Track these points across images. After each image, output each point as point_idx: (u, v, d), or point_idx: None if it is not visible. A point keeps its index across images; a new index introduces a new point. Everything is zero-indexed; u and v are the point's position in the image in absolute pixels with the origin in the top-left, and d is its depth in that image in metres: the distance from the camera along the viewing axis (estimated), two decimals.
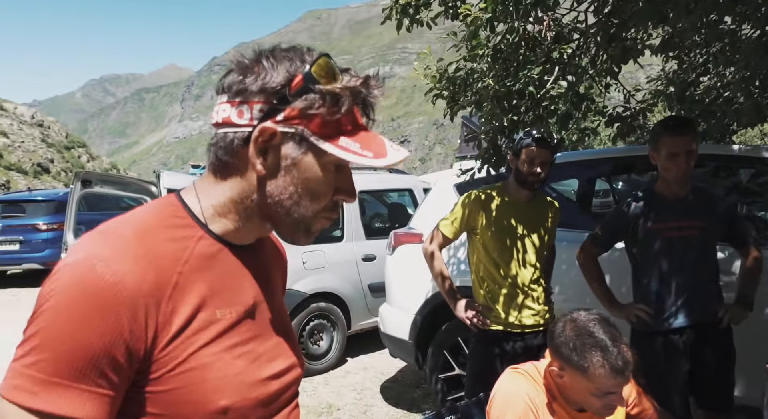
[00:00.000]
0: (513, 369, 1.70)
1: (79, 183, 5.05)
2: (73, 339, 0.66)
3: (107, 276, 0.68)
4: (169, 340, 0.73)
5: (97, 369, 0.68)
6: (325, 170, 0.81)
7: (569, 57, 2.37)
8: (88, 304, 0.67)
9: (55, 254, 8.64)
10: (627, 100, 2.97)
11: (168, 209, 0.82)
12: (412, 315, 3.69)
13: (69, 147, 49.76)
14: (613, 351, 1.45)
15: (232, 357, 0.79)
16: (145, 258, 0.73)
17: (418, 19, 2.66)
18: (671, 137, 2.23)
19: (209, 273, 0.80)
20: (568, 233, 3.05)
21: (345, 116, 0.79)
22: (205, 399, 0.75)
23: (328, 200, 0.84)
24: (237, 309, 0.82)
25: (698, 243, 2.30)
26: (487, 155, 2.58)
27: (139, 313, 0.70)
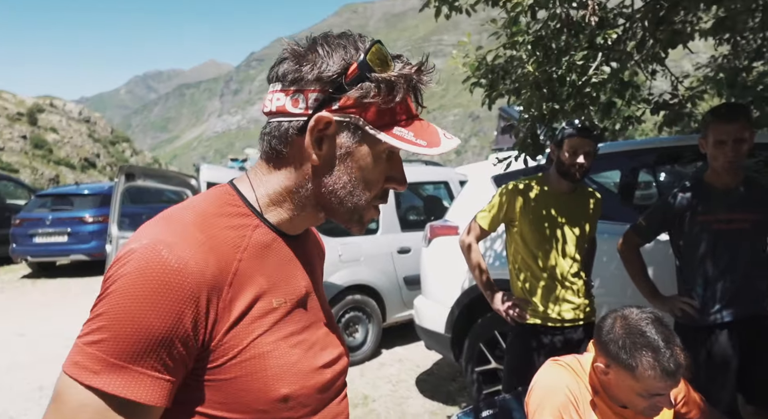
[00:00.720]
0: (554, 361, 1.66)
1: (123, 177, 5.19)
2: (136, 322, 0.67)
3: (172, 261, 0.69)
4: (229, 327, 0.73)
5: (156, 353, 0.68)
6: (379, 158, 0.82)
7: (614, 42, 2.27)
8: (153, 288, 0.68)
9: (101, 246, 8.93)
10: (675, 87, 2.85)
11: (224, 197, 0.82)
12: (448, 308, 3.66)
13: (114, 142, 51.38)
14: (665, 353, 1.39)
15: (289, 346, 0.79)
16: (207, 245, 0.73)
17: (457, 5, 2.60)
18: (719, 124, 2.15)
19: (266, 262, 0.80)
20: (609, 225, 2.96)
21: (399, 105, 0.80)
22: (267, 388, 0.75)
23: (379, 188, 0.84)
24: (291, 298, 0.82)
25: (749, 237, 2.20)
26: (525, 143, 2.51)
27: (201, 299, 0.70)
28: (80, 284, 8.81)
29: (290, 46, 0.80)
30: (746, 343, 2.20)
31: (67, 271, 9.95)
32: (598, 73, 2.26)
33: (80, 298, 7.81)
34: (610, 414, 1.54)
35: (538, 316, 2.43)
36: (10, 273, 9.98)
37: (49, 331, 5.88)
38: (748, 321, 2.19)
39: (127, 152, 51.52)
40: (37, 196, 10.51)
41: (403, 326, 5.16)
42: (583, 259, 2.52)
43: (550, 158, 2.47)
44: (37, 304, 7.43)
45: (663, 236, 2.52)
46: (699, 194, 2.26)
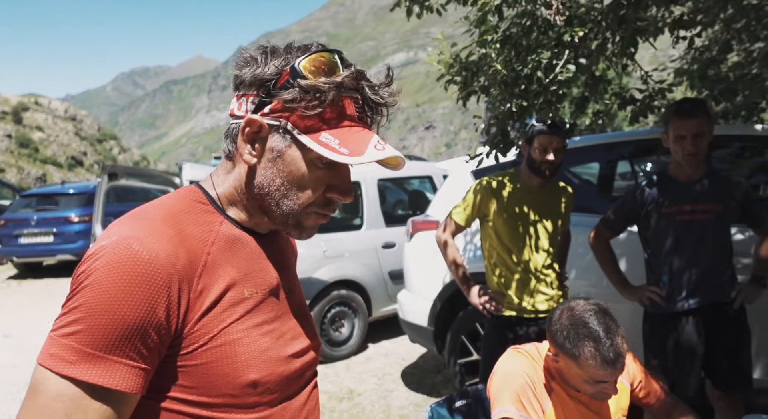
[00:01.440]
0: (514, 349, 1.73)
1: (106, 176, 5.19)
2: (110, 313, 0.69)
3: (143, 253, 0.72)
4: (200, 316, 0.77)
5: (131, 342, 0.71)
6: (311, 164, 0.82)
7: (581, 40, 2.32)
8: (126, 279, 0.70)
9: (87, 246, 8.91)
10: (645, 81, 2.90)
11: (191, 195, 0.86)
12: (431, 301, 3.71)
13: (101, 140, 50.96)
14: (605, 343, 1.45)
15: (260, 334, 0.82)
16: (176, 238, 0.77)
17: (428, 5, 2.63)
18: (679, 120, 2.22)
19: (235, 255, 0.84)
20: (589, 218, 3.03)
21: (329, 111, 0.80)
22: (236, 373, 0.79)
23: (318, 195, 0.84)
24: (263, 289, 0.86)
25: (712, 227, 2.27)
26: (495, 140, 2.56)
27: (173, 289, 0.74)
28: (67, 285, 8.76)
29: (241, 54, 0.85)
30: (711, 329, 2.28)
31: (53, 271, 9.91)
32: (564, 71, 2.31)
33: None
34: (564, 397, 1.61)
35: (513, 308, 2.49)
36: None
37: (36, 332, 5.87)
38: (712, 307, 2.27)
39: (114, 150, 51.14)
40: (22, 196, 10.43)
41: (389, 320, 5.21)
42: (556, 252, 2.58)
43: (521, 154, 2.52)
44: (23, 305, 7.41)
45: (633, 228, 2.59)
46: (664, 187, 2.33)
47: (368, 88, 0.82)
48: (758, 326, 2.36)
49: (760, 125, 2.85)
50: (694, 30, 3.06)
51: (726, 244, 2.32)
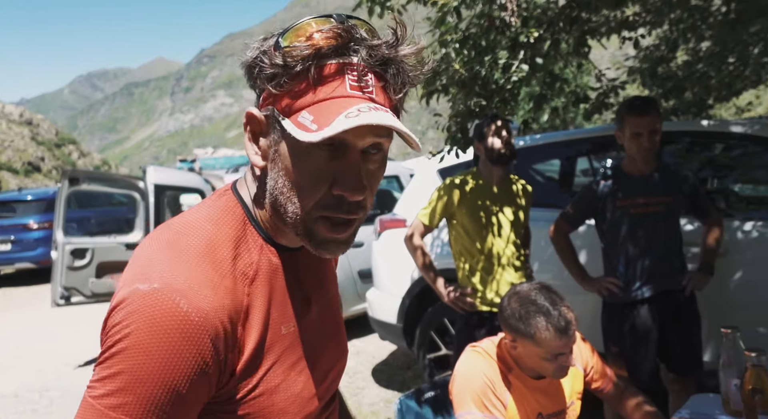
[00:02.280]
0: (471, 348, 1.78)
1: (67, 181, 5.07)
2: (160, 382, 0.61)
3: (192, 315, 0.63)
4: (243, 367, 0.69)
5: (183, 410, 0.64)
6: (305, 154, 0.67)
7: (536, 40, 2.41)
8: (175, 345, 0.62)
9: (47, 253, 8.65)
10: (599, 79, 3.02)
11: (224, 210, 0.74)
12: (399, 299, 3.76)
13: (59, 145, 49.41)
14: (554, 314, 1.55)
15: (296, 374, 0.75)
16: (222, 286, 0.67)
17: (389, 5, 2.69)
18: (635, 118, 2.31)
19: (272, 288, 0.74)
20: (551, 212, 3.13)
21: (308, 84, 0.66)
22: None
23: (321, 193, 0.68)
24: (299, 321, 0.77)
25: (664, 218, 2.39)
26: (455, 138, 2.64)
27: (220, 346, 0.65)
28: (27, 293, 8.52)
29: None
30: (664, 316, 2.40)
31: (11, 280, 9.59)
32: (518, 71, 2.39)
33: (27, 307, 7.57)
34: (522, 388, 1.68)
35: (484, 303, 2.55)
36: None
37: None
38: (665, 295, 2.38)
39: (74, 155, 49.65)
40: None
41: (358, 319, 5.24)
42: (521, 243, 2.67)
43: (476, 155, 2.62)
44: None
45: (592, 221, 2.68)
46: (618, 182, 2.43)
47: (365, 48, 0.66)
48: (707, 312, 2.49)
49: (707, 121, 3.00)
50: (641, 30, 3.20)
51: (676, 235, 2.45)
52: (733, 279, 2.57)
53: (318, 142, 0.63)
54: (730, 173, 3.22)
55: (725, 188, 3.25)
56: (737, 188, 3.32)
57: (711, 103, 4.03)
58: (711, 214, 2.49)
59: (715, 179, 3.24)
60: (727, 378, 1.65)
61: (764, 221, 2.60)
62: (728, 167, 3.17)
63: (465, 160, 3.05)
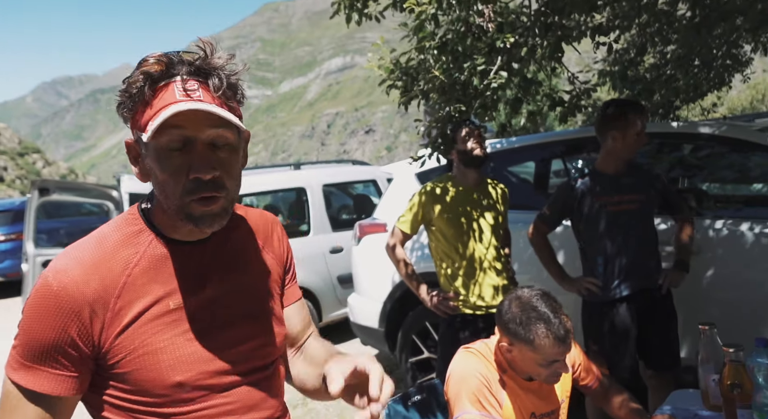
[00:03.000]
0: (465, 349, 1.80)
1: (37, 192, 4.94)
2: (32, 334, 0.86)
3: (54, 285, 0.86)
4: (120, 331, 0.88)
5: (51, 356, 0.86)
6: (164, 156, 0.86)
7: (512, 46, 2.46)
8: (40, 307, 0.86)
9: (15, 265, 8.40)
10: (572, 82, 3.09)
11: (127, 217, 0.95)
12: (380, 303, 3.77)
13: (22, 154, 48.07)
14: (555, 322, 1.57)
15: (186, 340, 0.91)
16: (94, 267, 0.88)
17: (367, 13, 2.70)
18: (641, 116, 2.39)
19: (160, 272, 0.92)
20: (528, 214, 3.18)
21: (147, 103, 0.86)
22: (162, 377, 0.89)
23: (183, 182, 0.86)
24: (191, 298, 0.93)
25: (638, 216, 2.46)
26: (436, 143, 2.67)
27: (82, 314, 0.86)
28: None
29: None
30: (642, 314, 2.45)
31: None
32: (497, 77, 2.44)
33: None
34: (517, 389, 1.70)
35: (467, 306, 2.58)
36: None
37: None
38: (642, 293, 2.44)
39: (38, 164, 48.39)
40: None
41: (339, 324, 5.23)
42: (501, 245, 2.71)
43: (450, 160, 2.67)
44: None
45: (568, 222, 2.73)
46: (594, 181, 2.49)
47: (185, 65, 0.85)
48: (683, 309, 2.56)
49: (677, 123, 3.09)
50: (613, 35, 3.28)
51: (651, 233, 2.51)
52: (706, 276, 2.65)
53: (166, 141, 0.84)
54: (699, 173, 3.32)
55: (695, 188, 3.35)
56: (706, 187, 3.43)
57: (678, 105, 4.17)
58: (683, 210, 2.57)
59: (685, 178, 3.34)
60: (706, 373, 1.70)
61: (733, 219, 2.68)
62: (697, 167, 3.27)
63: (444, 163, 3.08)
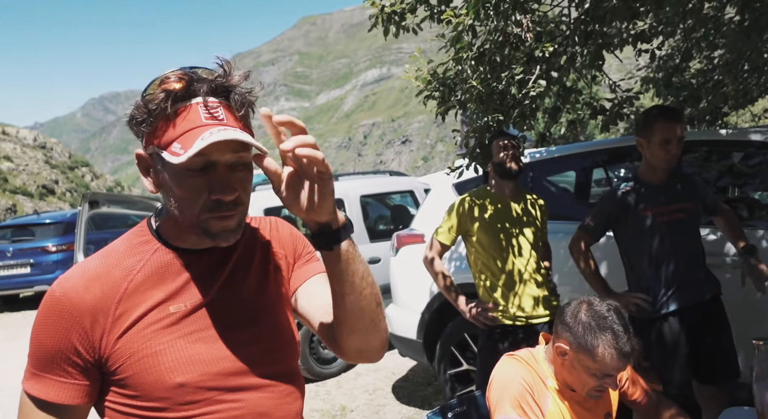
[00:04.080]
0: (509, 356, 1.78)
1: (87, 204, 5.13)
2: (38, 342, 0.90)
3: (57, 293, 0.90)
4: (119, 336, 0.90)
5: (56, 364, 0.89)
6: (184, 175, 0.88)
7: (551, 55, 2.43)
8: (44, 315, 0.91)
9: None
10: (613, 90, 3.03)
11: (136, 229, 1.00)
12: (419, 314, 3.76)
13: (72, 167, 50.13)
14: (623, 337, 1.54)
15: (187, 342, 0.92)
16: (96, 275, 0.92)
17: (404, 25, 2.73)
18: (666, 123, 2.28)
19: (163, 277, 0.94)
20: (569, 225, 3.12)
21: (169, 122, 0.87)
22: (162, 379, 0.90)
23: (204, 201, 0.89)
24: (192, 302, 0.94)
25: (687, 225, 2.37)
26: (474, 153, 2.66)
27: (82, 319, 0.89)
28: None
29: None
30: (694, 327, 2.35)
31: (31, 303, 9.69)
32: (536, 86, 2.41)
33: None
34: (561, 398, 1.67)
35: (506, 317, 2.55)
36: None
37: (16, 365, 5.73)
38: (694, 307, 2.35)
39: (87, 177, 50.34)
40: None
41: None
42: (541, 257, 2.66)
43: (487, 173, 2.65)
44: (2, 338, 7.24)
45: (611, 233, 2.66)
46: (639, 191, 2.40)
47: (206, 84, 0.87)
48: (736, 322, 2.44)
49: (726, 130, 2.99)
50: (656, 41, 3.21)
51: (699, 243, 2.42)
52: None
53: (188, 163, 0.84)
54: (751, 182, 3.19)
55: (746, 197, 3.22)
56: (758, 197, 3.30)
57: (726, 111, 4.02)
58: (717, 206, 2.48)
59: (735, 187, 3.22)
60: (761, 390, 1.62)
61: None
62: (748, 176, 3.14)
63: (482, 174, 3.06)
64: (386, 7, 2.64)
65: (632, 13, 2.39)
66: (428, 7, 2.72)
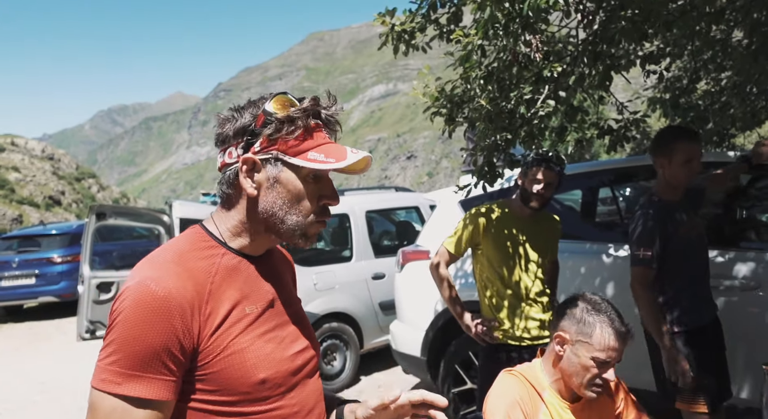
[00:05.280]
0: (506, 371, 1.81)
1: (94, 216, 5.17)
2: (140, 341, 0.88)
3: (159, 291, 0.90)
4: (211, 333, 0.95)
5: (160, 362, 0.90)
6: (304, 181, 1.00)
7: (560, 75, 2.45)
8: (148, 313, 0.89)
9: (71, 287, 8.74)
10: (620, 111, 3.04)
11: (196, 235, 1.04)
12: (423, 331, 3.74)
13: (79, 178, 50.44)
14: (617, 320, 1.63)
15: (263, 342, 1.00)
16: (185, 274, 0.95)
17: (414, 44, 2.76)
18: (689, 144, 2.29)
19: (236, 279, 1.02)
20: (574, 244, 3.11)
21: (305, 133, 0.99)
22: (247, 374, 0.97)
23: (315, 206, 1.02)
24: (261, 304, 1.03)
25: (704, 240, 2.39)
26: (482, 171, 2.66)
27: (186, 316, 0.92)
28: (50, 327, 8.58)
29: (218, 116, 1.05)
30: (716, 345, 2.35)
31: (35, 314, 9.67)
32: (545, 106, 2.42)
33: (51, 341, 7.61)
34: (557, 410, 1.69)
35: (508, 336, 2.53)
36: None
37: (21, 377, 5.73)
38: (713, 323, 2.35)
39: (93, 188, 50.62)
40: (2, 238, 10.26)
41: (380, 351, 5.19)
42: (547, 279, 2.65)
43: (516, 184, 2.60)
44: (6, 350, 7.22)
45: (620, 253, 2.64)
46: (664, 210, 2.34)
47: (324, 109, 1.02)
48: (743, 346, 2.43)
49: (734, 152, 2.99)
50: (663, 63, 3.23)
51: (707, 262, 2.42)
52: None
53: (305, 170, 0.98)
54: (759, 204, 3.18)
55: (755, 219, 3.21)
56: (766, 219, 3.29)
57: (734, 133, 4.03)
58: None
59: (743, 209, 3.21)
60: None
61: None
62: (756, 198, 3.14)
63: (487, 191, 3.06)
64: (396, 26, 2.67)
65: (641, 35, 2.42)
66: (437, 27, 2.76)
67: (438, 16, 2.71)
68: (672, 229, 2.32)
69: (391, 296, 4.38)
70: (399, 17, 2.75)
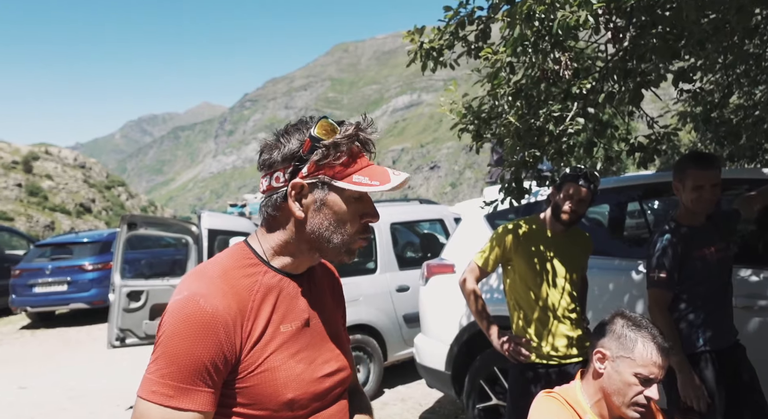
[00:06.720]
0: (545, 393, 1.77)
1: (126, 226, 5.29)
2: (189, 355, 0.94)
3: (207, 308, 0.96)
4: (249, 349, 1.00)
5: (207, 375, 0.95)
6: (348, 202, 1.06)
7: (588, 91, 2.44)
8: (197, 329, 0.95)
9: (101, 294, 8.93)
10: (650, 126, 3.02)
11: (240, 253, 1.09)
12: (448, 345, 3.72)
13: (109, 187, 51.59)
14: (658, 336, 1.61)
15: (295, 361, 1.05)
16: (230, 293, 1.00)
17: (442, 60, 2.78)
18: (698, 171, 2.28)
19: (274, 298, 1.06)
20: (601, 260, 3.07)
21: (349, 158, 1.04)
22: (277, 393, 1.01)
23: (358, 224, 1.08)
24: (296, 324, 1.07)
25: (727, 264, 2.34)
26: (510, 188, 2.66)
27: (230, 331, 0.97)
28: (81, 333, 8.77)
29: (264, 141, 1.09)
30: (731, 371, 2.29)
31: (66, 320, 9.90)
32: (574, 123, 2.42)
33: (81, 347, 7.77)
34: None
35: (539, 354, 2.51)
36: (9, 325, 9.92)
37: (51, 383, 5.86)
38: (731, 348, 2.30)
39: (122, 196, 51.71)
40: (37, 246, 10.54)
41: (404, 364, 5.18)
42: (578, 296, 2.62)
43: (549, 199, 2.58)
44: (37, 355, 7.40)
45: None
46: (683, 234, 2.35)
47: (363, 132, 1.06)
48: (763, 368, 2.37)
49: (767, 168, 2.93)
50: (697, 82, 3.19)
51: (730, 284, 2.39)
52: None
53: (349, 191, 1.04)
54: None
55: None
56: None
57: (767, 148, 3.95)
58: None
59: None
60: None
61: None
62: None
63: (516, 206, 3.05)
64: (425, 43, 2.70)
65: (673, 52, 2.40)
66: (465, 44, 2.78)
67: (466, 34, 2.74)
68: (686, 252, 2.32)
69: (415, 309, 4.37)
70: (428, 34, 2.78)
